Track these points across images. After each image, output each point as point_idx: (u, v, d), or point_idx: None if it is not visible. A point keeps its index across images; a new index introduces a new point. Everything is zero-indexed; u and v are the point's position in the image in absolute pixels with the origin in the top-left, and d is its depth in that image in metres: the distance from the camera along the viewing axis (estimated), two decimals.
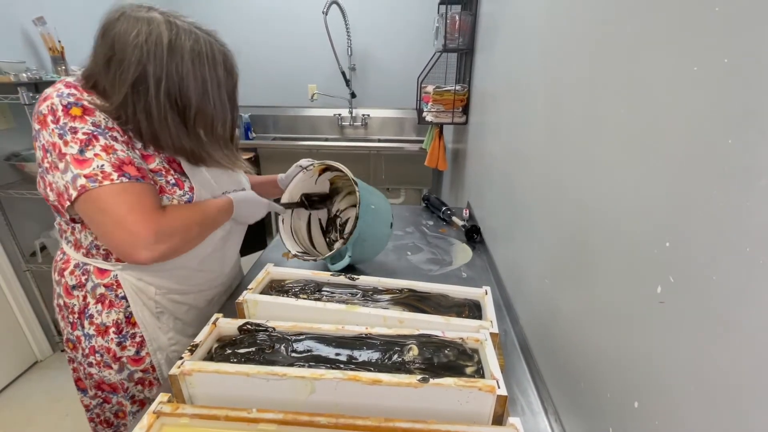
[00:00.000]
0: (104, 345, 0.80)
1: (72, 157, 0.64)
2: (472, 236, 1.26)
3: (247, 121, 2.85)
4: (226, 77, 0.76)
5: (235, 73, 0.79)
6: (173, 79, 0.68)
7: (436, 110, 1.82)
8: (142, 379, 0.84)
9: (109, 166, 0.65)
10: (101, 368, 0.81)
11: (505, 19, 1.14)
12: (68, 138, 0.64)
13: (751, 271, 0.29)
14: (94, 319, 0.79)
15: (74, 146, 0.64)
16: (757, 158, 0.29)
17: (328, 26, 2.50)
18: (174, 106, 0.70)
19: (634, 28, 0.46)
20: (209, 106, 0.73)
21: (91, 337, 0.79)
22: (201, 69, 0.70)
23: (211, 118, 0.75)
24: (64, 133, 0.64)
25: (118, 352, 0.80)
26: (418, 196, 2.72)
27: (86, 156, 0.64)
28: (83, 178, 0.63)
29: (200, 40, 0.71)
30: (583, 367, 0.56)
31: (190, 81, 0.69)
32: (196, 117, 0.73)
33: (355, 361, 0.59)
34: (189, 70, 0.69)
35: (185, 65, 0.68)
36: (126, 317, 0.79)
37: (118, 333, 0.79)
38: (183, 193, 0.75)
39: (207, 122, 0.75)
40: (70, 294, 0.79)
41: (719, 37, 0.32)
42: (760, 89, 0.28)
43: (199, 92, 0.71)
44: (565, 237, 0.65)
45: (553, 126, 0.71)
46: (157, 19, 0.67)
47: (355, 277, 0.82)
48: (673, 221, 0.38)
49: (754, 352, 0.29)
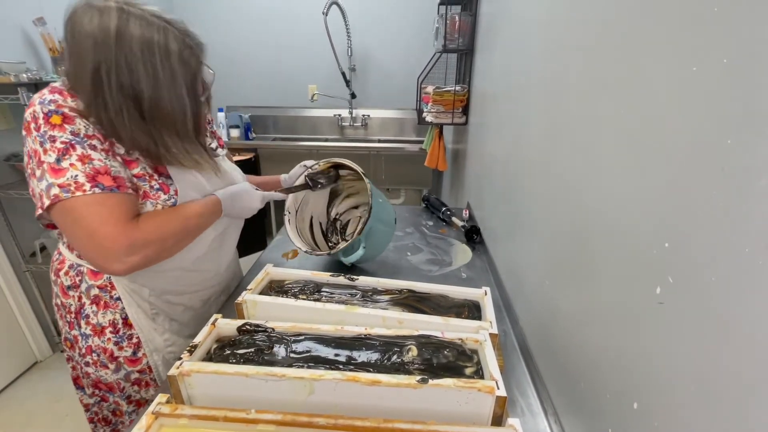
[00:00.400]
0: (101, 345, 0.80)
1: (49, 165, 0.64)
2: (471, 237, 1.26)
3: (247, 121, 2.86)
4: (182, 68, 0.70)
5: (194, 63, 0.72)
6: (123, 69, 0.65)
7: (436, 111, 1.82)
8: (139, 379, 0.84)
9: (82, 177, 0.64)
10: (98, 368, 0.81)
11: (504, 19, 1.14)
12: (47, 146, 0.64)
13: (750, 271, 0.29)
14: (90, 320, 0.79)
15: (52, 155, 0.64)
16: (756, 158, 0.29)
17: (328, 27, 2.50)
18: (129, 99, 0.67)
19: (633, 29, 0.46)
20: (164, 98, 0.69)
21: (88, 337, 0.80)
22: (151, 58, 0.66)
23: (166, 111, 0.70)
24: (44, 141, 0.64)
25: (116, 351, 0.80)
26: (418, 196, 2.72)
27: (62, 165, 0.64)
28: (57, 187, 0.63)
29: (153, 27, 0.66)
30: (583, 367, 0.56)
31: (140, 71, 0.65)
32: (151, 110, 0.69)
33: (355, 362, 0.58)
34: (138, 59, 0.65)
35: (134, 54, 0.64)
36: (123, 318, 0.79)
37: (115, 333, 0.79)
38: (168, 197, 0.74)
39: (163, 116, 0.70)
40: (66, 294, 0.79)
41: (718, 38, 0.32)
42: (759, 89, 0.28)
43: (151, 83, 0.67)
44: (564, 237, 0.65)
45: (552, 126, 0.71)
46: (110, 7, 0.64)
47: (354, 277, 0.82)
48: (673, 222, 0.37)
49: (754, 352, 0.29)
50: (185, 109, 0.73)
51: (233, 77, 2.95)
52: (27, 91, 1.54)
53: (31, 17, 1.72)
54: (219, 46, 2.88)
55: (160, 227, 0.71)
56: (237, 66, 2.92)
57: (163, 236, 0.71)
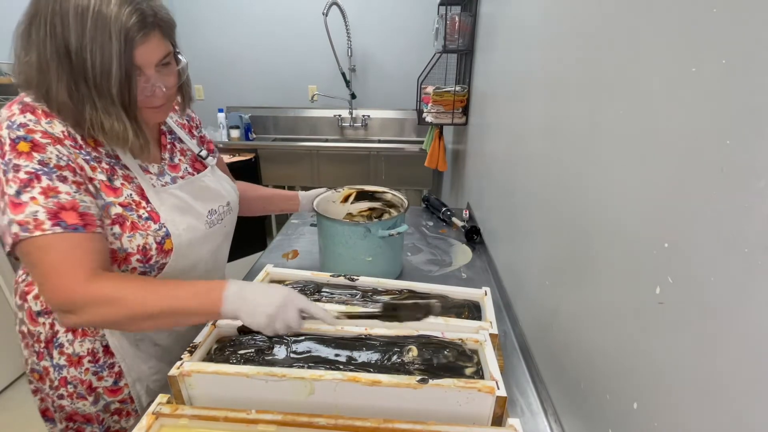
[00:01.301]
0: (77, 376, 0.72)
1: (9, 198, 0.59)
2: (471, 237, 1.26)
3: (247, 121, 2.86)
4: (116, 25, 0.60)
5: (133, 28, 0.61)
6: (56, 19, 0.58)
7: (436, 111, 1.82)
8: (120, 409, 0.77)
9: (43, 213, 0.58)
10: (74, 400, 0.74)
11: (504, 20, 1.14)
12: (10, 176, 0.59)
13: (749, 271, 0.29)
14: (65, 349, 0.71)
15: (13, 186, 0.59)
16: (755, 159, 0.29)
17: (329, 27, 2.50)
18: (57, 51, 0.59)
19: (633, 30, 0.46)
20: (87, 49, 0.59)
21: (62, 368, 0.72)
22: (84, 12, 0.58)
23: (89, 65, 0.60)
24: (7, 170, 0.59)
25: (95, 382, 0.73)
26: (418, 196, 2.72)
27: (21, 199, 0.58)
28: (16, 225, 0.58)
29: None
30: (583, 367, 0.56)
31: (70, 17, 0.58)
32: (76, 64, 0.60)
33: (355, 362, 0.59)
34: (70, 10, 0.58)
35: (68, 3, 0.58)
36: (103, 346, 0.73)
37: (94, 362, 0.73)
38: (158, 227, 0.68)
39: (85, 69, 0.60)
40: (35, 321, 0.72)
41: (717, 39, 0.33)
42: (758, 90, 0.28)
43: (79, 31, 0.59)
44: (564, 238, 0.65)
45: (552, 127, 0.72)
46: None
47: (354, 277, 0.82)
48: (672, 222, 0.38)
49: (753, 352, 0.29)
50: (110, 67, 0.60)
51: (233, 78, 2.96)
52: None
53: None
54: (219, 47, 2.88)
55: (123, 288, 0.61)
56: (237, 67, 2.93)
57: (124, 299, 0.60)
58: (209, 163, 0.84)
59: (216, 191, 0.81)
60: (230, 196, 0.85)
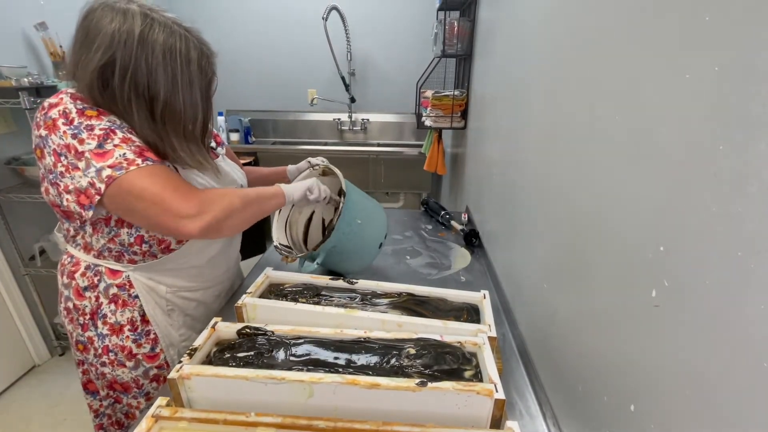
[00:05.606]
0: (119, 343, 0.81)
1: (91, 152, 0.64)
2: (470, 240, 1.26)
3: (247, 125, 2.86)
4: (199, 75, 0.74)
5: (210, 72, 0.77)
6: (142, 70, 0.67)
7: (435, 115, 1.83)
8: (157, 375, 0.86)
9: (131, 153, 0.65)
10: (115, 367, 0.83)
11: (503, 24, 1.15)
12: (84, 136, 0.65)
13: (742, 275, 0.29)
14: (108, 319, 0.80)
15: (92, 142, 0.65)
16: (747, 164, 0.29)
17: (328, 31, 2.52)
18: (141, 97, 0.69)
19: (629, 36, 0.46)
20: (178, 102, 0.72)
21: (105, 337, 0.81)
22: (172, 63, 0.69)
23: (179, 114, 0.73)
24: (78, 132, 0.65)
25: (134, 349, 0.82)
26: (417, 200, 2.73)
27: (106, 148, 0.65)
28: (108, 168, 0.64)
29: (175, 34, 0.69)
30: (581, 370, 0.56)
31: (160, 74, 0.68)
32: (164, 111, 0.71)
33: (354, 365, 0.59)
34: (159, 63, 0.68)
35: (155, 58, 0.67)
36: (141, 315, 0.81)
37: (133, 330, 0.82)
38: None
39: (175, 118, 0.73)
40: (81, 296, 0.80)
41: (710, 46, 0.33)
42: (749, 97, 0.29)
43: (168, 87, 0.70)
44: (562, 241, 0.65)
45: (550, 131, 0.72)
46: (134, 11, 0.67)
47: (354, 281, 0.82)
48: (667, 225, 0.38)
49: (748, 355, 0.29)
50: (197, 113, 0.76)
51: (233, 81, 2.96)
52: (28, 95, 1.54)
53: (32, 22, 1.72)
54: (219, 51, 2.87)
55: (220, 191, 0.74)
56: (237, 70, 2.93)
57: (230, 192, 0.74)
58: (219, 153, 0.93)
59: (230, 176, 0.90)
60: (242, 180, 0.95)
